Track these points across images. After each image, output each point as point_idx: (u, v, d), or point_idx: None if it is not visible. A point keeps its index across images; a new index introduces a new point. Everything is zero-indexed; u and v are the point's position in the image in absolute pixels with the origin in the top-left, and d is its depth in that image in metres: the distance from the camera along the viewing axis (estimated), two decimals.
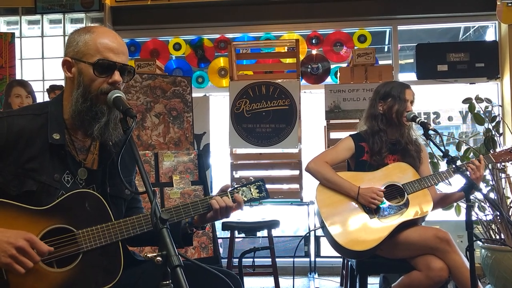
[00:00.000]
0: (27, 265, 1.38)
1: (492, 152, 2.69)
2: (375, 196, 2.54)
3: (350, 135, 2.84)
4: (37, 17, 5.18)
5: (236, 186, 1.78)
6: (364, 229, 2.53)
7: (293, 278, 3.63)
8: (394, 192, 2.62)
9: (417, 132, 2.82)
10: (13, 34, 4.91)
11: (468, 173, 2.47)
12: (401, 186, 2.61)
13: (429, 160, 3.93)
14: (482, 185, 3.70)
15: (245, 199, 1.76)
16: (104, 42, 1.56)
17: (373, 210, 2.56)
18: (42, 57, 5.17)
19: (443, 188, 2.99)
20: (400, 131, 2.74)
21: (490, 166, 3.64)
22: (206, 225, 1.79)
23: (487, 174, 3.74)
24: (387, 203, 2.58)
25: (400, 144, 2.74)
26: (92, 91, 1.54)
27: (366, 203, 2.56)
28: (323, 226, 2.60)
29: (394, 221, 2.52)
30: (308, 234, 4.48)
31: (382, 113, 2.75)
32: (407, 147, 2.73)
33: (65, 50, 1.61)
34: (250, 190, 1.79)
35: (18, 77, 4.88)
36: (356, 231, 2.53)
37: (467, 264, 2.33)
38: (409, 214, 2.54)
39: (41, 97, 4.80)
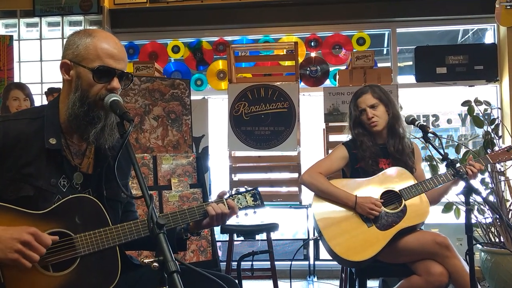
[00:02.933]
0: (34, 259, 1.38)
1: (489, 153, 2.67)
2: (373, 206, 2.50)
3: (343, 144, 2.81)
4: (36, 19, 5.17)
5: (231, 193, 1.80)
6: (362, 239, 2.49)
7: (290, 282, 3.62)
8: (392, 198, 2.60)
9: (406, 131, 2.80)
10: (11, 36, 4.90)
11: (466, 176, 2.45)
12: (398, 192, 2.59)
13: (428, 163, 3.95)
14: (481, 188, 3.70)
15: (240, 207, 1.78)
16: (105, 47, 1.54)
17: (370, 219, 2.53)
18: (40, 60, 5.16)
19: None
20: (380, 137, 2.75)
21: (489, 168, 3.63)
22: (201, 231, 1.79)
23: (486, 176, 3.73)
24: (384, 211, 2.55)
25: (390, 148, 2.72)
26: (90, 96, 1.53)
27: (364, 213, 2.52)
28: (320, 236, 2.58)
29: (392, 228, 2.50)
30: (309, 240, 4.46)
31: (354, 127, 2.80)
32: (394, 153, 2.70)
33: (64, 51, 1.59)
34: (246, 198, 1.80)
35: (16, 79, 4.87)
36: (354, 241, 2.49)
37: (467, 268, 2.32)
38: (407, 221, 2.52)
39: (39, 99, 4.79)
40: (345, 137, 2.95)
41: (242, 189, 1.82)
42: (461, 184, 2.30)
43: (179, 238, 1.75)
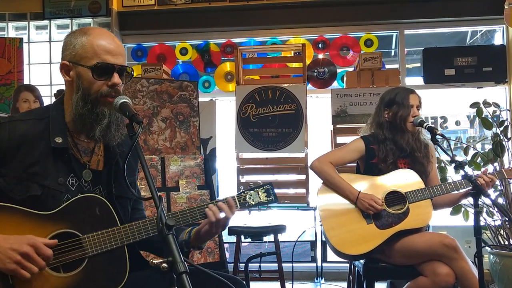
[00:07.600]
0: (33, 270, 1.39)
1: (506, 168, 2.67)
2: (373, 203, 2.53)
3: (361, 137, 2.81)
4: (45, 22, 5.22)
5: (244, 190, 1.76)
6: (359, 234, 2.54)
7: (292, 283, 3.63)
8: (398, 199, 2.60)
9: (428, 135, 2.80)
10: (21, 39, 4.95)
11: (475, 179, 2.43)
12: (403, 194, 2.59)
13: (436, 165, 3.92)
14: (490, 190, 3.67)
15: (253, 203, 1.74)
16: (101, 44, 1.54)
17: (371, 216, 2.56)
18: (49, 62, 5.21)
19: None
20: (406, 137, 2.71)
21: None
22: (203, 245, 1.72)
23: None
24: (386, 210, 2.56)
25: (412, 149, 2.72)
26: (91, 94, 1.54)
27: (363, 208, 2.57)
28: (321, 225, 2.66)
29: (390, 229, 2.52)
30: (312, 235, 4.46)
31: (388, 120, 2.73)
32: (414, 154, 2.71)
33: (62, 53, 1.60)
34: (258, 194, 1.77)
35: (26, 82, 4.91)
36: (351, 235, 2.55)
37: (474, 270, 2.32)
38: (406, 223, 2.53)
39: (49, 101, 4.83)
40: (353, 139, 2.94)
41: (254, 185, 1.77)
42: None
43: (180, 250, 1.72)
